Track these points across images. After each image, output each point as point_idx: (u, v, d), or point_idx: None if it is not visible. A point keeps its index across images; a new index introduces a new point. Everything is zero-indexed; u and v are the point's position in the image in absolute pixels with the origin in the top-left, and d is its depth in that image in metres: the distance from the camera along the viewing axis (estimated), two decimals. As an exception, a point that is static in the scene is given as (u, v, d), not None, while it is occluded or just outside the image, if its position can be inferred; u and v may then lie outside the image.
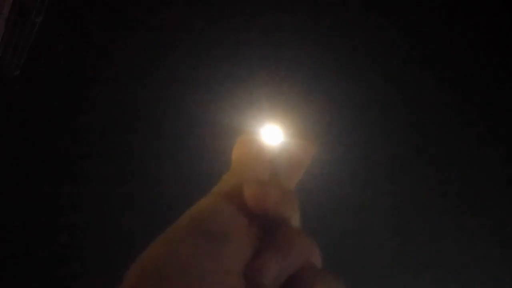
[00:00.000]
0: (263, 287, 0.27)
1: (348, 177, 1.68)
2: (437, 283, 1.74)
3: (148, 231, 0.30)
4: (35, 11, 1.65)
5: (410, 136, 1.75)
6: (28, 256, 1.70)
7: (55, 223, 1.70)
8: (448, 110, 1.77)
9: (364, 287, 1.70)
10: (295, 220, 0.31)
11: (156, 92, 1.70)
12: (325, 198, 1.62)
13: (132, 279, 0.27)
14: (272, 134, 0.33)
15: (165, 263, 0.26)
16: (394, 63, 1.76)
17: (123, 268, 0.28)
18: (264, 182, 0.32)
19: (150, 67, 1.72)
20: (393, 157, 1.73)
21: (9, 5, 1.63)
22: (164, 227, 0.29)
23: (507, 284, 1.72)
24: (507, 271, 1.72)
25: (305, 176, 0.35)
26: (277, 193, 0.29)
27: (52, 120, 1.75)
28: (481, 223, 1.74)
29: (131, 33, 1.74)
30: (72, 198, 1.72)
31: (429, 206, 1.75)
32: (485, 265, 1.72)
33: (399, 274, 1.72)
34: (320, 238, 0.31)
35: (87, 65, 1.74)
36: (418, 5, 1.78)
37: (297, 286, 0.27)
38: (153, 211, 1.62)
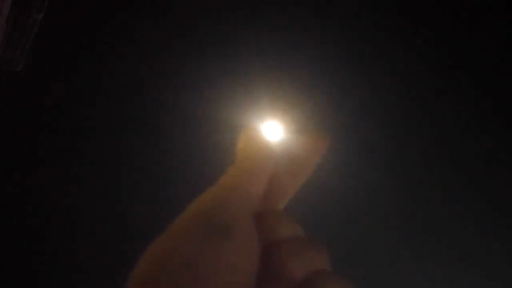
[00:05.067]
0: (287, 276, 0.27)
1: (348, 176, 1.68)
2: (440, 283, 1.74)
3: (149, 230, 0.30)
4: (36, 7, 1.65)
5: (412, 132, 1.75)
6: (28, 256, 1.70)
7: (53, 222, 1.70)
8: (450, 111, 1.77)
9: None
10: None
11: (156, 91, 1.70)
12: (324, 197, 1.61)
13: (139, 275, 0.27)
14: (273, 130, 0.33)
15: (171, 259, 0.26)
16: (394, 61, 1.76)
17: (126, 267, 0.28)
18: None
19: (151, 65, 1.72)
20: (393, 153, 1.73)
21: (10, 1, 1.63)
22: (165, 226, 0.29)
23: (507, 284, 1.72)
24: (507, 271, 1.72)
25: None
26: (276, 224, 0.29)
27: (53, 116, 1.75)
28: (483, 223, 1.74)
29: (133, 32, 1.74)
30: (72, 198, 1.72)
31: (430, 206, 1.75)
32: (486, 265, 1.72)
33: (400, 274, 1.72)
34: (323, 240, 0.31)
35: (88, 62, 1.74)
36: (418, 5, 1.77)
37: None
38: (154, 210, 1.62)
